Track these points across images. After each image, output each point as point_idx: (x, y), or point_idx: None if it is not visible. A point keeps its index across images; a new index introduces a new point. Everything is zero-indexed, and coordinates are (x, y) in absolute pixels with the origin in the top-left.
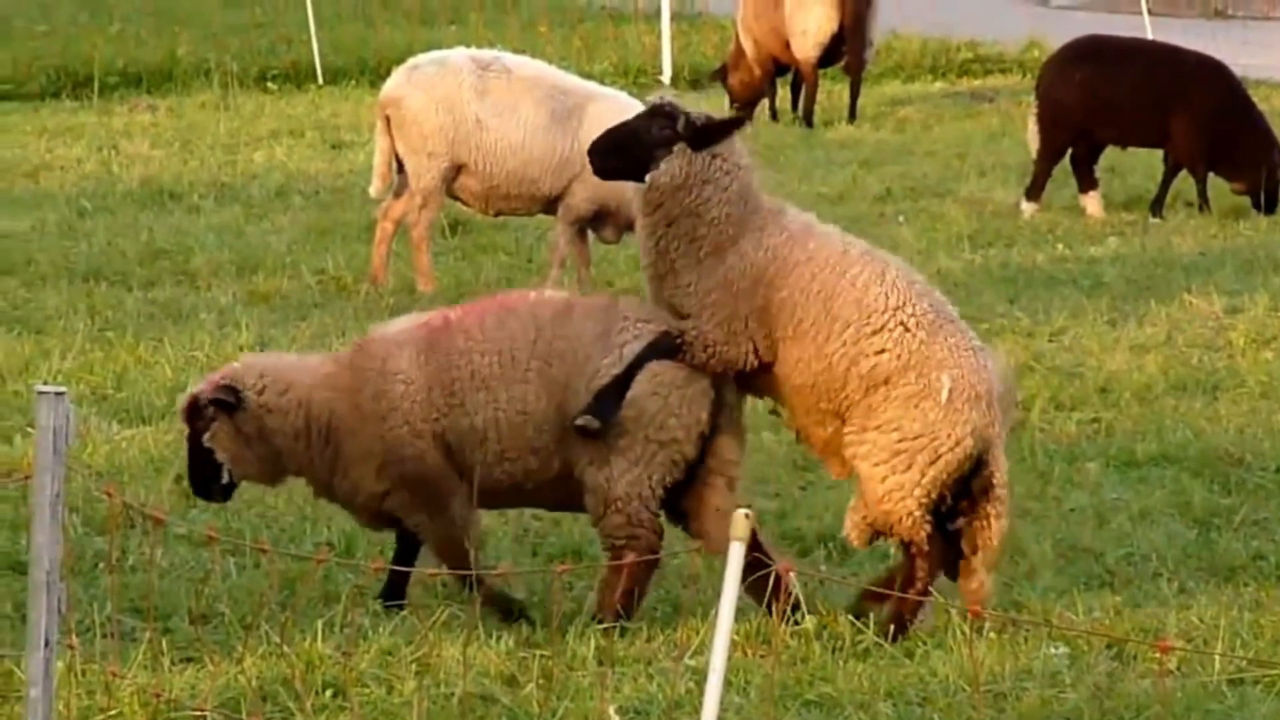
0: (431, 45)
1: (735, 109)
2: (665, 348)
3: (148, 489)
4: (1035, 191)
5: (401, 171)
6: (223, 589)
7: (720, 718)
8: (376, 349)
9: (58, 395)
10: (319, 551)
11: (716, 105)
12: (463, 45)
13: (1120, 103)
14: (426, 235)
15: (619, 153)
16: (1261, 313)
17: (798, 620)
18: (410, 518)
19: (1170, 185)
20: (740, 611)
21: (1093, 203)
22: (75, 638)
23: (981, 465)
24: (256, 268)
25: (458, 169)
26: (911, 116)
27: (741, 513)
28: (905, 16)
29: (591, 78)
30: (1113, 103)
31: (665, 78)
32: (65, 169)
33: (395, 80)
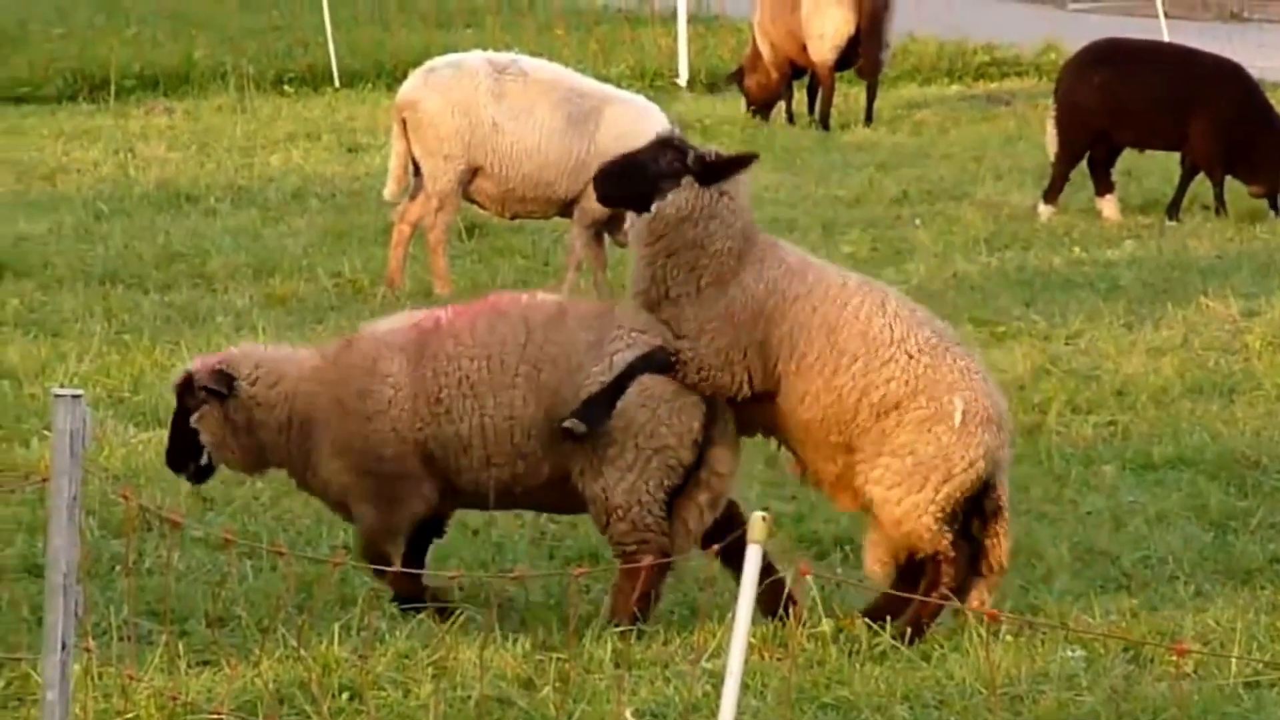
0: (448, 48)
1: (751, 111)
2: (659, 361)
3: (164, 492)
4: (1052, 194)
5: (418, 174)
6: (239, 592)
7: None
8: (367, 348)
9: (74, 398)
10: (336, 554)
11: (733, 108)
12: (479, 48)
13: (1138, 105)
14: (443, 238)
15: (625, 181)
16: (1278, 315)
17: (784, 616)
18: (358, 504)
19: (1187, 188)
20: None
21: (1109, 206)
22: (92, 640)
23: (989, 488)
24: (273, 270)
25: (474, 172)
26: (928, 119)
27: (759, 515)
28: (922, 19)
29: (608, 81)
30: (1131, 105)
31: (681, 81)
32: (82, 172)
33: (411, 83)
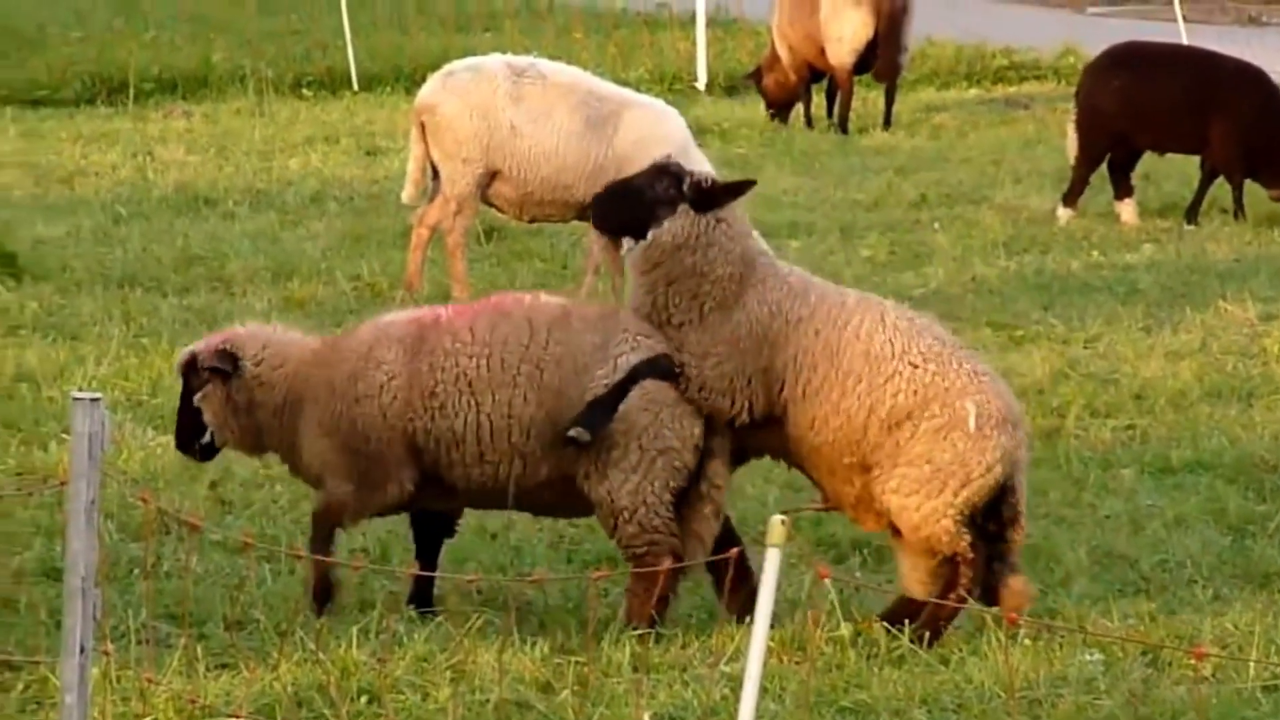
0: (467, 52)
1: (770, 114)
2: (664, 368)
3: (183, 495)
4: (1072, 198)
5: (436, 178)
6: (258, 595)
7: None
8: (366, 333)
9: (93, 401)
10: (354, 558)
11: (752, 111)
12: (498, 52)
13: (1159, 109)
14: (462, 241)
15: (621, 209)
16: None
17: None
18: (333, 478)
19: (1206, 192)
20: (775, 618)
21: (1128, 210)
22: (110, 644)
23: (1008, 491)
24: (291, 274)
25: (492, 175)
26: (947, 123)
27: (777, 519)
28: (940, 23)
29: (626, 84)
30: (1151, 109)
31: (700, 84)
32: (100, 175)
33: (430, 86)
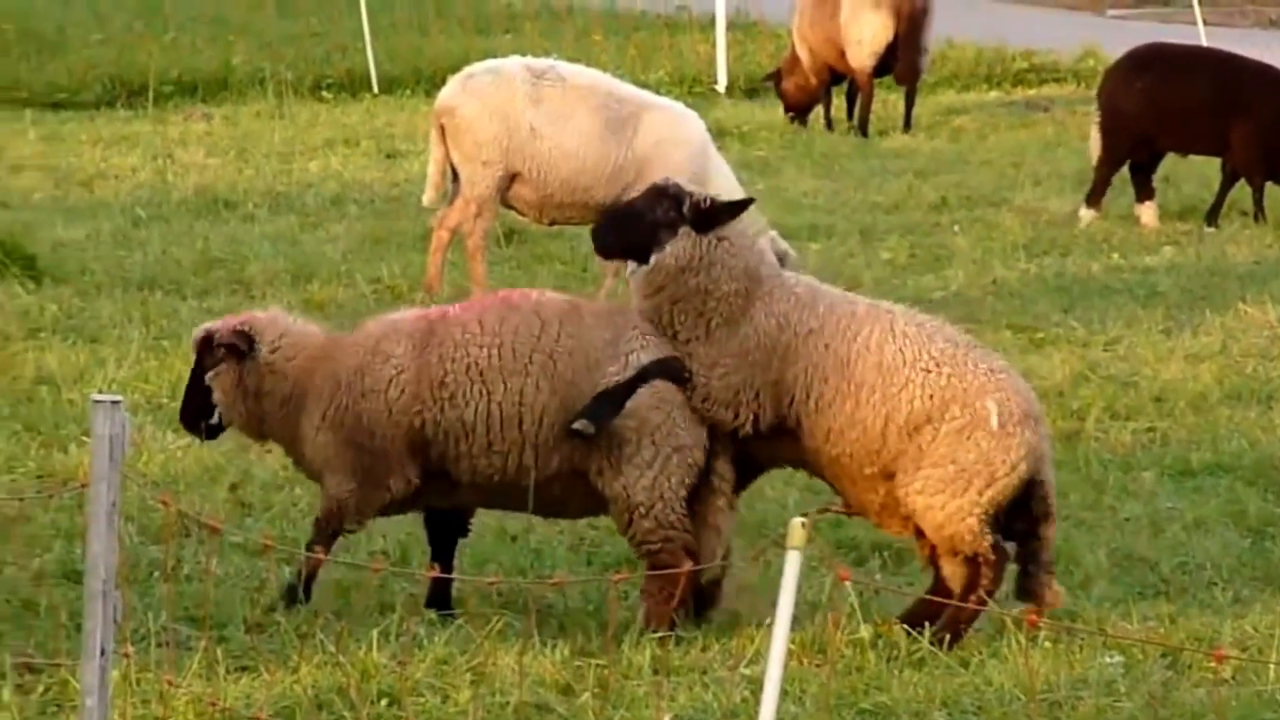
0: (486, 54)
1: (789, 116)
2: (674, 371)
3: (203, 498)
4: (1095, 198)
5: (456, 180)
6: (278, 598)
7: None
8: (373, 328)
9: (113, 404)
10: (374, 560)
11: (772, 113)
12: (518, 54)
13: (1181, 111)
14: (482, 244)
15: (622, 233)
16: None
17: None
18: (334, 475)
19: (1227, 195)
20: (795, 620)
21: (1148, 212)
22: (130, 646)
23: (1037, 485)
24: (311, 276)
25: (512, 177)
26: (967, 126)
27: (798, 521)
28: (960, 26)
29: (646, 87)
30: (1174, 111)
31: (720, 86)
32: (120, 178)
33: (450, 89)
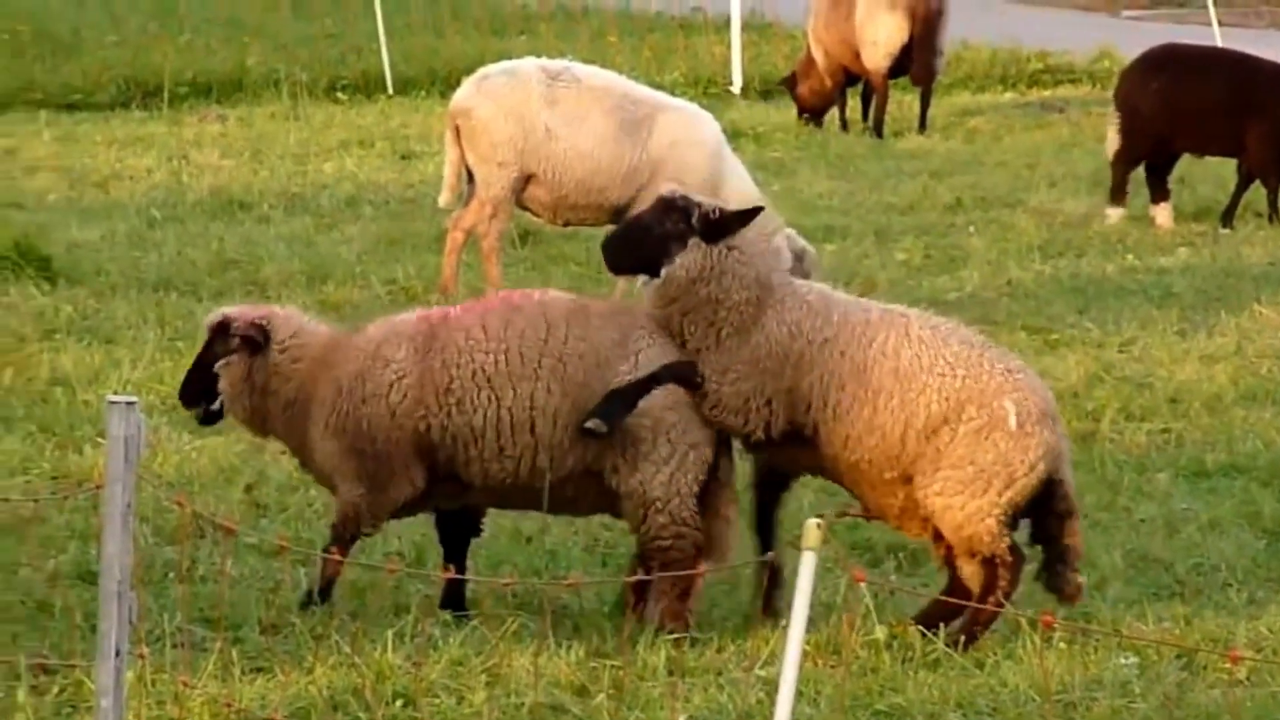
0: (501, 55)
1: (804, 118)
2: (685, 375)
3: (218, 499)
4: (1119, 197)
5: (471, 181)
6: (293, 599)
7: None
8: (374, 332)
9: (128, 405)
10: (389, 562)
11: (787, 115)
12: (533, 55)
13: (1196, 112)
14: (497, 245)
15: (632, 248)
16: None
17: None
18: (344, 483)
19: (1242, 196)
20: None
21: (1163, 213)
22: (145, 647)
23: (1057, 484)
24: (326, 278)
25: (527, 179)
26: (982, 127)
27: (813, 522)
28: (975, 27)
29: (661, 88)
30: (1189, 112)
31: (735, 88)
32: (135, 179)
33: (465, 90)
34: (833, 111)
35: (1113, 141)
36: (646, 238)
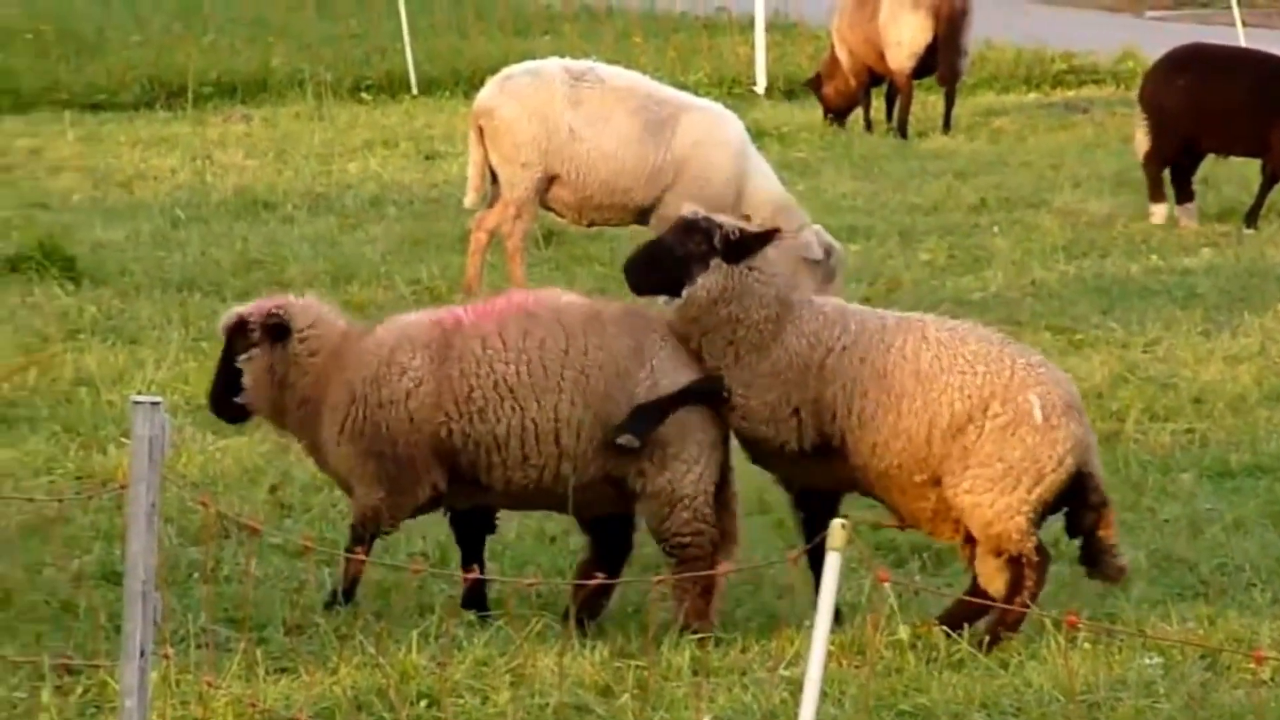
0: (525, 55)
1: (828, 118)
2: (713, 390)
3: (242, 499)
4: (1157, 195)
5: (495, 182)
6: (318, 599)
7: None
8: (386, 336)
9: (153, 405)
10: (413, 562)
11: (811, 115)
12: (557, 56)
13: (1221, 112)
14: (521, 246)
15: (654, 269)
16: None
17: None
18: (362, 485)
19: (1266, 196)
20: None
21: (1187, 214)
22: (170, 648)
23: (1087, 477)
24: (351, 278)
25: (551, 179)
26: (1006, 127)
27: (838, 523)
28: (999, 27)
29: (685, 88)
30: (1214, 111)
31: (759, 88)
32: (160, 179)
33: (488, 90)
34: (857, 112)
35: (1141, 143)
36: (668, 259)
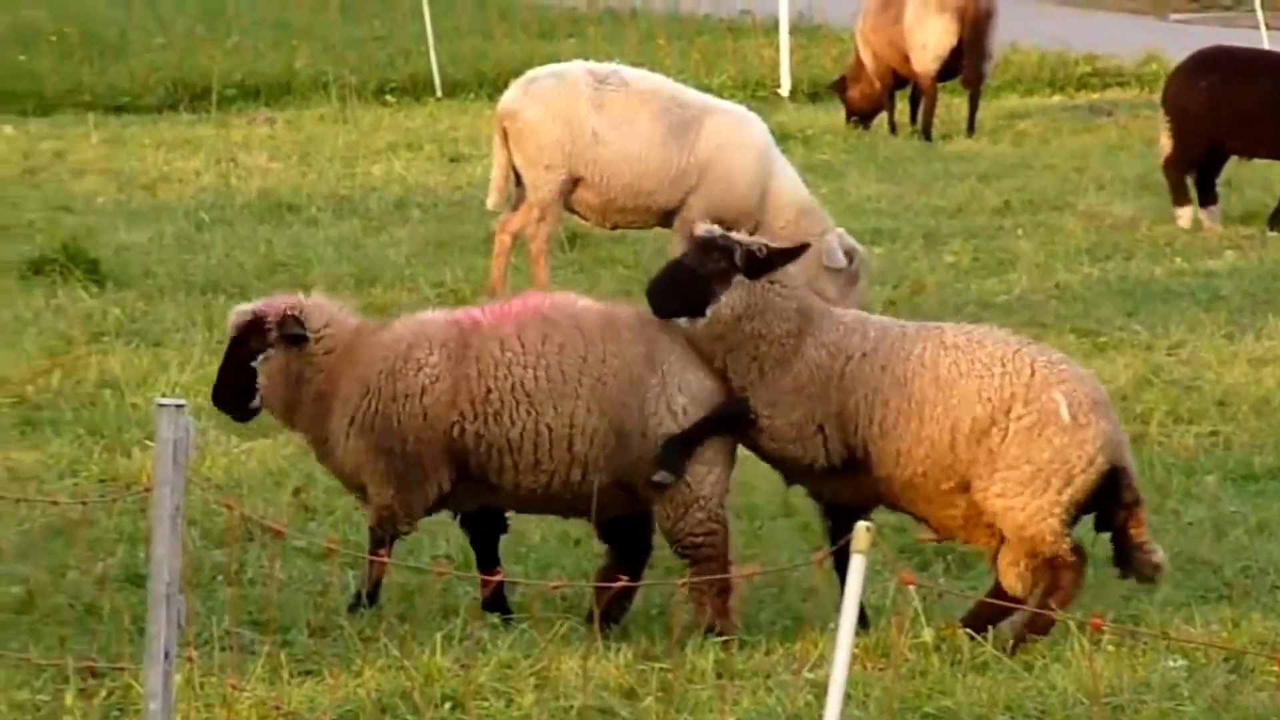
0: (550, 58)
1: (852, 121)
2: (738, 415)
3: (266, 501)
4: (1181, 197)
5: (519, 184)
6: (342, 602)
7: None
8: (403, 332)
9: (177, 408)
10: (438, 564)
11: (835, 118)
12: (581, 58)
13: (1245, 114)
14: (545, 248)
15: (677, 292)
16: None
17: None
18: (375, 484)
19: None
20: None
21: (1210, 217)
22: (194, 650)
23: (1120, 474)
24: (375, 280)
25: (575, 182)
26: (1030, 130)
27: (862, 525)
28: (1023, 30)
29: (710, 91)
30: (1238, 113)
31: (784, 90)
32: (183, 181)
33: (513, 93)
34: (881, 114)
35: (1165, 146)
36: (690, 279)
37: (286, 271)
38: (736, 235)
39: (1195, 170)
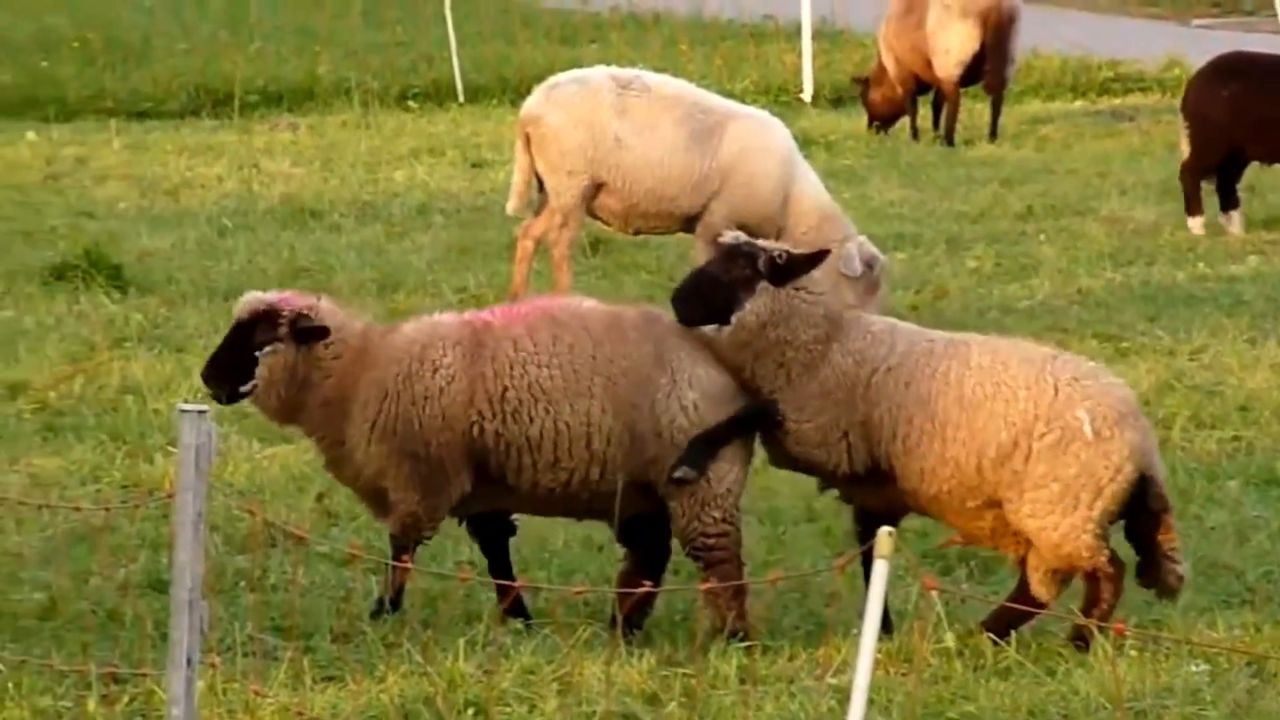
0: (572, 64)
1: (874, 127)
2: (766, 416)
3: (289, 507)
4: (1195, 206)
5: (542, 190)
6: (364, 607)
7: None
8: (416, 334)
9: (200, 414)
10: (461, 570)
11: (858, 123)
12: (604, 64)
13: (1267, 119)
14: (568, 254)
15: (703, 299)
16: None
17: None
18: (397, 490)
19: None
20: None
21: (1233, 221)
22: (217, 656)
23: (1148, 482)
24: (397, 286)
25: (597, 187)
26: (1052, 135)
27: (885, 530)
28: (1046, 35)
29: (732, 96)
30: (1259, 119)
31: (806, 96)
32: (206, 187)
33: (535, 98)
34: (904, 119)
35: (1184, 151)
36: (715, 287)
37: (309, 277)
38: (760, 241)
39: (1213, 176)
